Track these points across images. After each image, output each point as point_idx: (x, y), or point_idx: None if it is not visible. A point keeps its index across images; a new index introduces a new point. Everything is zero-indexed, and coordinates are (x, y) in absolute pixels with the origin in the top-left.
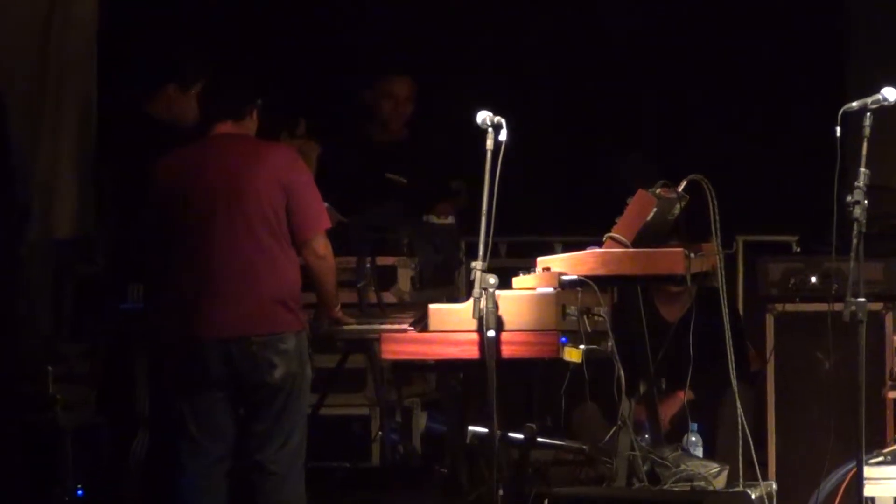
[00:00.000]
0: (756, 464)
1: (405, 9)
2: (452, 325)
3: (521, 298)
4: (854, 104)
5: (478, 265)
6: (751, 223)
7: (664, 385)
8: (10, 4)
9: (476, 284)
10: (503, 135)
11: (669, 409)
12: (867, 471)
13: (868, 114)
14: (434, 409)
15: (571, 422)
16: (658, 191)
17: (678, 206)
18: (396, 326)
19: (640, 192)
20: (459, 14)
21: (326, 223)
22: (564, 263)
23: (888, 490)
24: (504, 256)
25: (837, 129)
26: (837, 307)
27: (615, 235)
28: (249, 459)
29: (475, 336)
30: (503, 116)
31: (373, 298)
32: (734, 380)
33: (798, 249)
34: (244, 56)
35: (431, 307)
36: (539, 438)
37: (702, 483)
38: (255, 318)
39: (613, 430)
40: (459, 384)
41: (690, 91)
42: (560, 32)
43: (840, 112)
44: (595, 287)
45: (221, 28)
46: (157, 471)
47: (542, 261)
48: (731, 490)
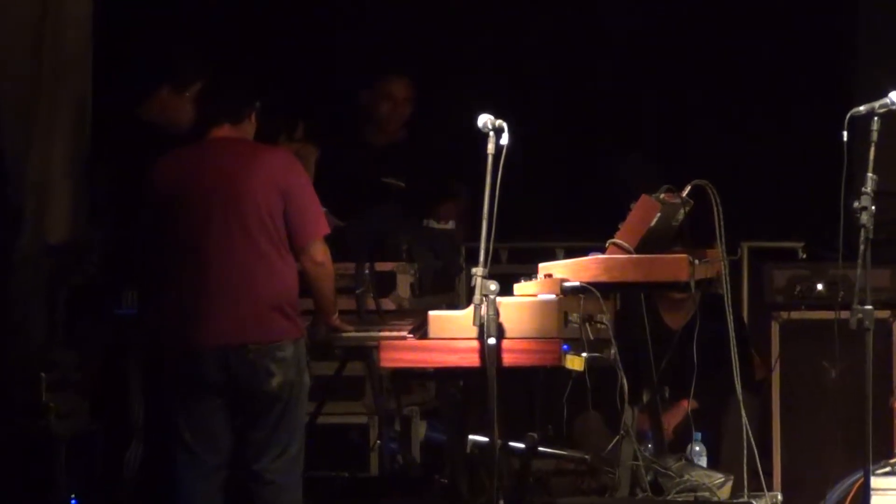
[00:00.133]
0: (761, 474)
1: (403, 9)
2: (452, 333)
3: (523, 305)
4: (861, 108)
5: (478, 271)
6: (756, 229)
7: (668, 393)
8: (4, 3)
9: (477, 291)
10: (504, 138)
11: (673, 418)
12: (874, 481)
13: (875, 118)
14: (434, 418)
15: (573, 431)
16: (662, 196)
17: (682, 212)
18: (395, 334)
19: (644, 198)
20: (458, 14)
21: (325, 229)
22: (567, 270)
23: None
24: (505, 262)
25: (844, 134)
26: (844, 315)
27: (618, 241)
28: (247, 469)
29: (476, 344)
30: (503, 119)
31: (371, 305)
32: (739, 388)
33: (804, 256)
34: (243, 57)
35: (431, 314)
36: (540, 448)
37: (706, 493)
38: (253, 325)
39: (616, 440)
40: (459, 392)
41: (695, 94)
42: (561, 33)
43: (847, 116)
44: (598, 294)
45: (218, 28)
46: (153, 480)
47: (544, 267)
48: (736, 501)
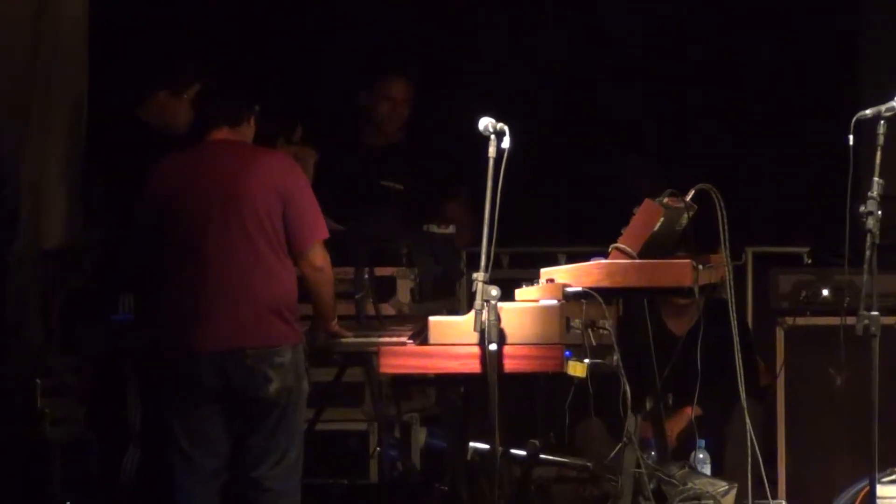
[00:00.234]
0: (766, 482)
1: (402, 10)
2: (453, 338)
3: (524, 311)
4: (867, 112)
5: (479, 276)
6: (761, 234)
7: (671, 400)
8: None
9: (478, 296)
10: (506, 142)
11: (676, 425)
12: (880, 489)
13: (882, 122)
14: (434, 425)
15: (575, 438)
16: (665, 200)
17: (686, 216)
18: (395, 339)
19: (647, 202)
20: (458, 15)
21: (324, 233)
22: (569, 275)
23: None
24: (506, 267)
25: (850, 138)
26: (850, 321)
27: (621, 246)
28: (245, 476)
29: (476, 349)
30: (504, 121)
31: (371, 310)
32: (743, 395)
33: (809, 261)
34: (242, 59)
35: (431, 319)
36: (542, 455)
37: (710, 502)
38: (251, 329)
39: (619, 447)
40: (460, 399)
41: (698, 97)
42: (564, 35)
43: (853, 120)
44: (600, 299)
45: (216, 29)
46: (150, 486)
47: (546, 272)
48: None
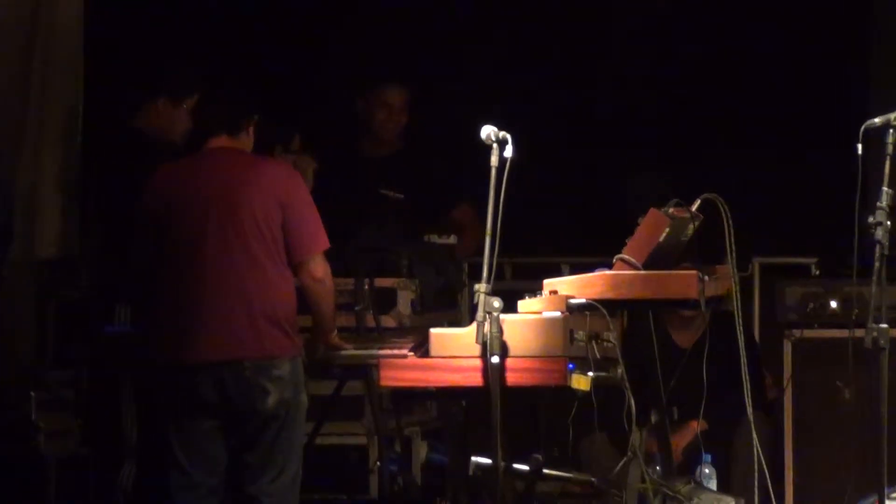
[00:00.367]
0: (773, 497)
1: (401, 17)
2: (455, 351)
3: (527, 323)
4: (876, 120)
5: (482, 288)
6: (768, 244)
7: (676, 414)
8: None
9: (480, 308)
10: (508, 150)
11: (682, 440)
12: None
13: (891, 130)
14: (435, 439)
15: (579, 452)
16: (671, 211)
17: (692, 227)
18: (396, 352)
19: (652, 212)
20: (458, 20)
21: (325, 243)
22: (572, 286)
23: None
24: (509, 278)
25: (859, 147)
26: (858, 333)
27: (625, 257)
28: (242, 491)
29: (479, 362)
30: (506, 129)
31: (371, 322)
32: (750, 409)
33: (817, 272)
34: (240, 68)
35: (433, 332)
36: (545, 470)
37: None
38: (248, 340)
39: (623, 462)
40: (462, 412)
41: (705, 107)
42: (566, 40)
43: (862, 129)
44: (604, 311)
45: (214, 38)
46: (147, 501)
47: (549, 283)
48: None
